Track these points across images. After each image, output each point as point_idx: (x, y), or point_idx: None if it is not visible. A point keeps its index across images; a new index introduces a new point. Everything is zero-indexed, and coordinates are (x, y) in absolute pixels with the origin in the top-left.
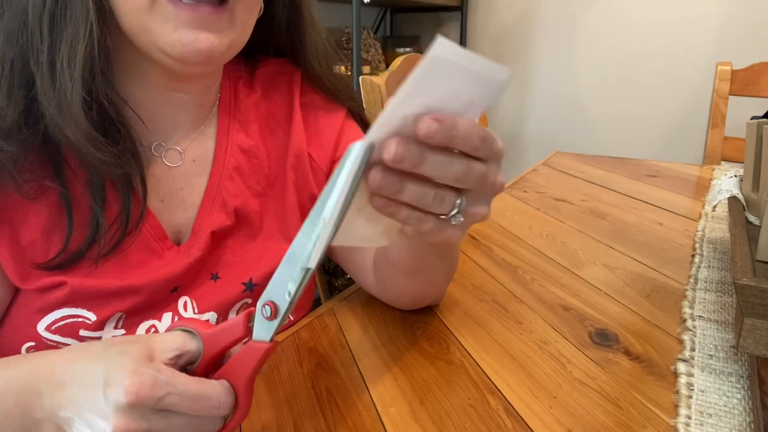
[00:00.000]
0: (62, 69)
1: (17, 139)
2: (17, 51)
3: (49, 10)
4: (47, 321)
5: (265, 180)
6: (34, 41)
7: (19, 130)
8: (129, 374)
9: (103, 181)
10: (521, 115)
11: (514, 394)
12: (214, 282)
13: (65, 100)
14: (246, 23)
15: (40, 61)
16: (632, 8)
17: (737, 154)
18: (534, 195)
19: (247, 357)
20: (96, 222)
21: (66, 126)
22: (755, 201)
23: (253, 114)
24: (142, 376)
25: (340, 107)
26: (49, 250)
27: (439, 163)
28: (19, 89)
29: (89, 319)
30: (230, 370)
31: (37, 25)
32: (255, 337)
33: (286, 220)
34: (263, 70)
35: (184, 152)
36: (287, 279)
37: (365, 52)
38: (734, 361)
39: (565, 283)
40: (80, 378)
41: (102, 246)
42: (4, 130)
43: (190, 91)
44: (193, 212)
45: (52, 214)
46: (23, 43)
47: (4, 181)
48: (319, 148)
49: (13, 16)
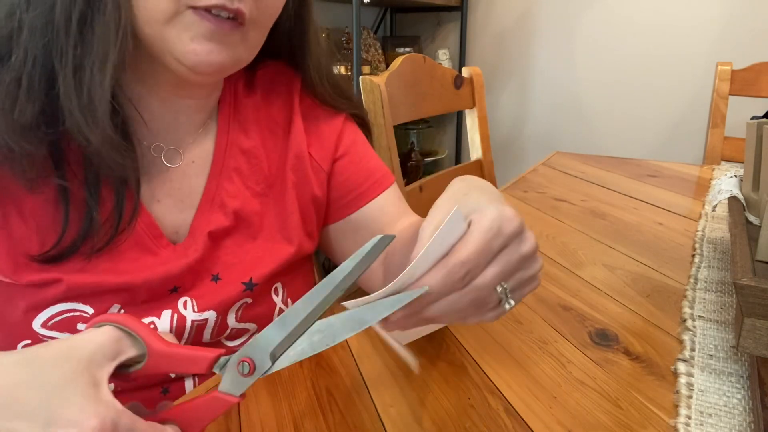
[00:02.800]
0: (92, 74)
1: (36, 137)
2: (41, 48)
3: (80, 10)
4: (43, 317)
5: (264, 181)
6: (59, 40)
7: (38, 127)
8: (86, 416)
9: (99, 178)
10: (521, 115)
11: (514, 394)
12: (215, 283)
13: (91, 105)
14: (257, 43)
15: (65, 61)
16: (632, 8)
17: (737, 154)
18: (534, 195)
19: (210, 407)
20: (90, 217)
21: (90, 130)
22: (755, 201)
23: (252, 115)
24: (103, 420)
25: None
26: (43, 243)
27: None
28: (39, 86)
29: (86, 312)
30: (186, 415)
31: (64, 25)
32: (223, 388)
33: (286, 221)
34: (263, 73)
35: (184, 153)
36: (274, 340)
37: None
38: (734, 361)
39: (565, 283)
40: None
41: (95, 241)
42: (24, 126)
43: (194, 96)
44: (191, 213)
45: (48, 208)
46: (48, 40)
47: (15, 176)
48: (320, 148)
49: (40, 13)
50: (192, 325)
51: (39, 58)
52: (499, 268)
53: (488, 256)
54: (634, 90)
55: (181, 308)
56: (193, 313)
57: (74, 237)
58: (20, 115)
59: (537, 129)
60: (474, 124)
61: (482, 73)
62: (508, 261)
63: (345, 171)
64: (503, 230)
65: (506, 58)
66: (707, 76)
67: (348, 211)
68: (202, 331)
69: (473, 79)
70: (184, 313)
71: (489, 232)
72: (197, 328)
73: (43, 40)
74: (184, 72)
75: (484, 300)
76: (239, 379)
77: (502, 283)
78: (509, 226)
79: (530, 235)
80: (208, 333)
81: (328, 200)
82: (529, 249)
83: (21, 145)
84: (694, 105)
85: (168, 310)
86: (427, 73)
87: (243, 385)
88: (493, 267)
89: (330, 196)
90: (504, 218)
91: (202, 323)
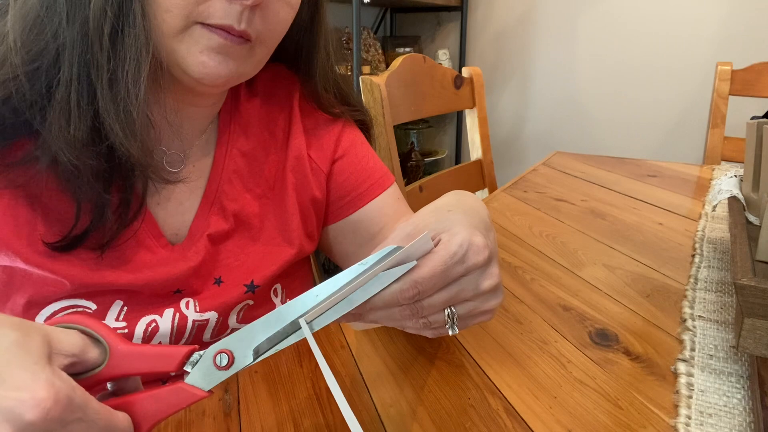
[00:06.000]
0: (127, 87)
1: (93, 152)
2: (83, 64)
3: (111, 23)
4: (46, 314)
5: (265, 183)
6: (95, 54)
7: (93, 142)
8: (41, 384)
9: (112, 174)
10: (521, 115)
11: (514, 394)
12: (218, 286)
13: (129, 118)
14: (262, 59)
15: (100, 75)
16: (632, 8)
17: (737, 154)
18: (534, 195)
19: (172, 399)
20: (102, 211)
21: (129, 143)
22: (755, 201)
23: (253, 117)
24: (58, 392)
25: None
26: (54, 231)
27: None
28: (87, 101)
29: (89, 308)
30: (143, 404)
31: (98, 39)
32: (191, 380)
33: (287, 223)
34: (263, 75)
35: (185, 157)
36: (259, 334)
37: (365, 52)
38: (734, 361)
39: (565, 283)
40: None
41: (102, 235)
42: (81, 142)
43: (199, 104)
44: (190, 215)
45: (63, 198)
46: (87, 54)
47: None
48: (319, 149)
49: (79, 28)
50: (193, 324)
51: (83, 73)
52: (449, 295)
53: (444, 281)
54: (634, 90)
55: (183, 308)
56: (195, 313)
57: (85, 227)
58: (76, 131)
59: (537, 129)
60: (474, 124)
61: (482, 73)
62: (463, 290)
63: (344, 172)
64: (467, 259)
65: (506, 58)
66: (707, 76)
67: (347, 211)
68: (203, 331)
69: (473, 79)
70: (185, 312)
71: (451, 258)
72: (198, 328)
73: (83, 56)
74: (190, 83)
75: (428, 319)
76: (213, 372)
77: (452, 308)
78: (475, 257)
79: (494, 272)
80: (208, 333)
81: (328, 201)
82: (489, 286)
83: (83, 161)
84: (694, 105)
85: (170, 309)
86: (427, 73)
87: (215, 378)
88: (444, 293)
89: (329, 197)
90: (472, 247)
91: (203, 323)
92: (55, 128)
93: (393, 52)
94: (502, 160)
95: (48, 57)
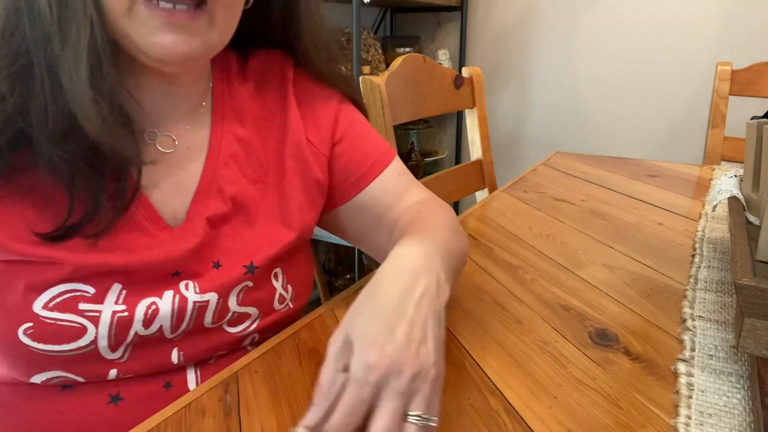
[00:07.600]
0: (91, 74)
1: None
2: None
3: (56, 11)
4: (44, 299)
5: (261, 168)
6: (54, 43)
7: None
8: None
9: (105, 162)
10: (521, 115)
11: (514, 394)
12: (216, 269)
13: (97, 104)
14: (227, 24)
15: (61, 64)
16: (632, 8)
17: (737, 154)
18: (534, 195)
19: None
20: (96, 200)
21: (85, 122)
22: (755, 201)
23: (247, 104)
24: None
25: (335, 92)
26: (48, 222)
27: None
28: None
29: (87, 292)
30: None
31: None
32: None
33: (286, 208)
34: (254, 62)
35: (178, 139)
36: None
37: (365, 52)
38: (734, 361)
39: (565, 283)
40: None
41: (97, 223)
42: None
43: (178, 84)
44: (188, 198)
45: (56, 188)
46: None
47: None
48: (317, 133)
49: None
50: (194, 306)
51: (51, 65)
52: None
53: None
54: (634, 90)
55: (183, 289)
56: (195, 294)
57: (79, 218)
58: (55, 125)
59: (537, 129)
60: (474, 124)
61: (482, 73)
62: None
63: (344, 154)
64: (369, 380)
65: (506, 58)
66: (707, 76)
67: (352, 193)
68: (204, 313)
69: (473, 79)
70: (185, 294)
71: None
72: (199, 310)
73: (47, 49)
74: (154, 64)
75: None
76: None
77: (411, 413)
78: (373, 375)
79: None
80: (209, 316)
81: (333, 184)
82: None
83: (69, 153)
84: (694, 105)
85: (170, 291)
86: (427, 73)
87: None
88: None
89: (333, 180)
90: (368, 368)
91: (204, 305)
92: (36, 125)
93: (393, 52)
94: (502, 160)
95: (23, 57)
